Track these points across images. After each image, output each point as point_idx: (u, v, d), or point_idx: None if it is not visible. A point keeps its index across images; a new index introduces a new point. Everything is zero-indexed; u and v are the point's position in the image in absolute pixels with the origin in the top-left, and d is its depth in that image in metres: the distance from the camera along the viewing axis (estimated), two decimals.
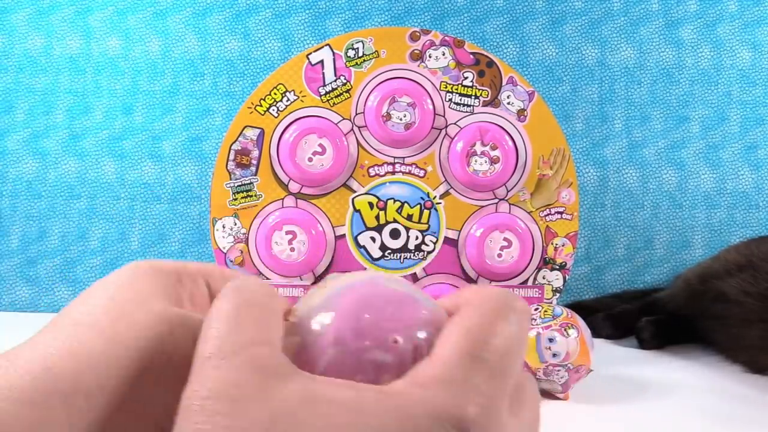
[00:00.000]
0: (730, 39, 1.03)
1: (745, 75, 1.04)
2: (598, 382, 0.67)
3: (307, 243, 0.72)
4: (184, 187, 1.01)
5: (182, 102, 1.01)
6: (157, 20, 1.01)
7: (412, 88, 0.73)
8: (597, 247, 1.02)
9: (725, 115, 1.04)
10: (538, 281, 0.74)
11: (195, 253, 1.00)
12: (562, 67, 1.02)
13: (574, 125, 1.02)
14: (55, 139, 1.00)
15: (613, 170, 1.02)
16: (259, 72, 1.01)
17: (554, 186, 0.74)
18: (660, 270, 1.03)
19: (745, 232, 1.03)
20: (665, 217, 1.03)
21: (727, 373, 0.75)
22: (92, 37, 1.01)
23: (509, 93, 0.74)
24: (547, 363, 0.62)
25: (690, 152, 1.03)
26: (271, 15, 1.01)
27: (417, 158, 0.73)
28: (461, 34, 1.01)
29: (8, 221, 0.99)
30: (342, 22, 1.01)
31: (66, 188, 1.00)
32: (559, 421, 0.60)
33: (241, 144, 0.73)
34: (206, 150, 1.01)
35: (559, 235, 0.74)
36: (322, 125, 0.72)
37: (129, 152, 1.00)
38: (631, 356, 0.81)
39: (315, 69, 0.73)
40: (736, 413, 0.62)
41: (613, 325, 0.88)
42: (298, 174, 0.72)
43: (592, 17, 1.03)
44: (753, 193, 1.03)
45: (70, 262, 1.00)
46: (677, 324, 0.86)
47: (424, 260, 0.73)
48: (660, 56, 1.03)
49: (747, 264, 0.80)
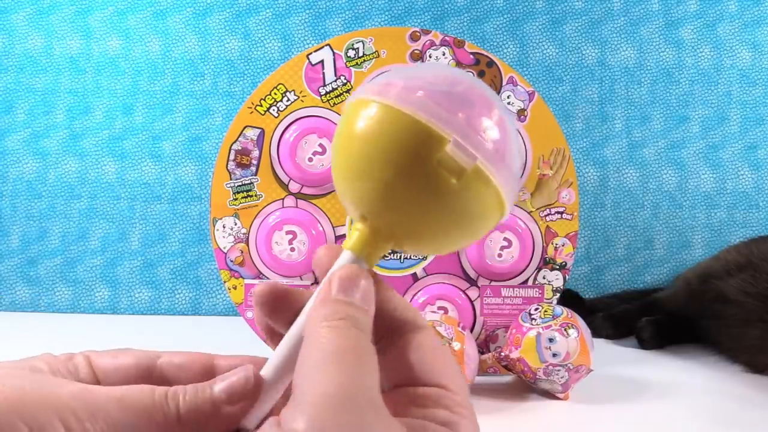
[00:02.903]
0: (730, 39, 1.03)
1: (745, 75, 1.04)
2: (598, 382, 0.67)
3: (307, 243, 0.72)
4: (185, 187, 1.01)
5: (182, 102, 1.01)
6: (157, 20, 1.01)
7: None
8: (597, 247, 1.02)
9: (725, 115, 1.04)
10: (539, 281, 0.74)
11: (195, 253, 1.00)
12: (562, 67, 1.02)
13: (574, 125, 1.02)
14: (55, 139, 1.00)
15: (613, 170, 1.03)
16: (259, 72, 1.01)
17: (554, 186, 0.74)
18: (660, 270, 1.03)
19: (745, 232, 1.03)
20: (665, 217, 1.03)
21: (727, 373, 0.75)
22: (92, 37, 1.01)
23: (509, 93, 0.74)
24: (547, 363, 0.62)
25: (690, 152, 1.03)
26: (271, 15, 1.01)
27: None
28: (461, 34, 1.01)
29: (8, 221, 0.99)
30: (342, 22, 1.01)
31: (66, 188, 1.00)
32: (559, 421, 0.60)
33: (241, 144, 0.73)
34: (206, 150, 1.01)
35: (560, 235, 0.74)
36: (322, 125, 0.72)
37: (129, 152, 1.00)
38: (631, 356, 0.81)
39: (315, 69, 0.73)
40: (736, 413, 0.62)
41: (613, 325, 0.88)
42: (299, 174, 0.72)
43: (593, 17, 1.03)
44: (753, 193, 1.03)
45: (70, 262, 1.00)
46: (677, 324, 0.86)
47: (425, 260, 0.73)
48: (660, 56, 1.03)
49: (747, 264, 0.80)
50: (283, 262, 0.72)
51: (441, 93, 0.24)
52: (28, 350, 0.70)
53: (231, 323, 0.90)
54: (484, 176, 0.24)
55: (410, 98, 0.24)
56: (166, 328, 0.93)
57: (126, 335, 0.89)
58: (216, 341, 0.86)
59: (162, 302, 1.00)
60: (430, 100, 0.24)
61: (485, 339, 0.74)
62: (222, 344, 0.84)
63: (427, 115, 0.24)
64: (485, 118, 0.24)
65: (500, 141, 0.25)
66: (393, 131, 0.24)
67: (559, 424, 0.59)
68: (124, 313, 1.00)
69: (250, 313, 0.72)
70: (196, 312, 1.00)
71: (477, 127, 0.24)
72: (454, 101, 0.24)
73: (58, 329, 0.90)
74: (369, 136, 0.24)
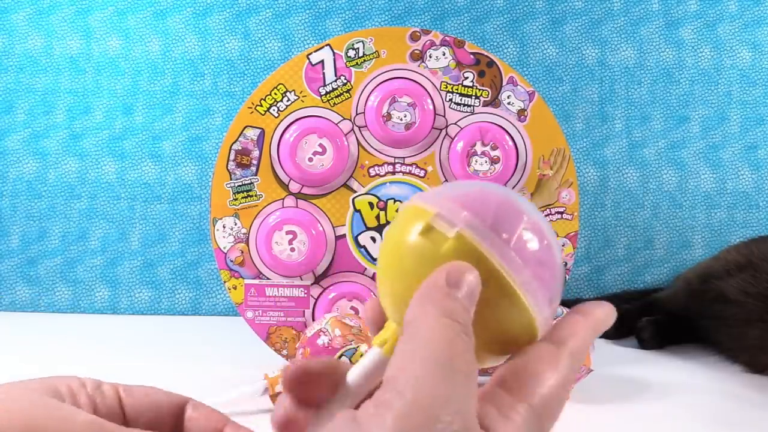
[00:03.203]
0: (731, 39, 1.03)
1: (745, 75, 1.04)
2: (598, 382, 0.67)
3: (307, 243, 0.72)
4: (185, 187, 1.01)
5: (182, 102, 1.01)
6: (157, 20, 1.01)
7: (412, 88, 0.73)
8: (597, 247, 1.02)
9: (725, 115, 1.04)
10: None
11: (195, 252, 1.00)
12: (563, 67, 1.02)
13: (575, 125, 1.02)
14: (55, 139, 1.00)
15: (613, 170, 1.02)
16: (259, 72, 1.01)
17: (554, 186, 0.74)
18: (660, 270, 1.03)
19: (745, 232, 1.03)
20: (665, 217, 1.03)
21: (727, 373, 0.75)
22: (92, 37, 1.01)
23: (509, 93, 0.74)
24: None
25: (690, 152, 1.03)
26: (271, 15, 1.01)
27: (417, 158, 0.73)
28: (461, 34, 1.01)
29: (8, 221, 0.99)
30: (342, 22, 1.01)
31: (66, 188, 1.00)
32: (559, 421, 0.60)
33: (241, 144, 0.73)
34: (206, 150, 1.01)
35: (560, 236, 0.74)
36: (322, 125, 0.72)
37: (129, 152, 1.00)
38: (631, 356, 0.81)
39: (315, 69, 0.73)
40: (736, 413, 0.62)
41: (614, 325, 0.87)
42: (299, 174, 0.72)
43: (593, 17, 1.03)
44: (753, 193, 1.03)
45: (70, 262, 1.00)
46: (677, 324, 0.86)
47: None
48: (660, 56, 1.03)
49: (747, 264, 0.80)
50: (283, 262, 0.72)
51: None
52: (28, 350, 0.70)
53: (231, 323, 0.90)
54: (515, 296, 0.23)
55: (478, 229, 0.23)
56: (166, 328, 0.93)
57: (126, 335, 0.89)
58: (216, 341, 0.86)
59: (162, 302, 1.00)
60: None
61: None
62: (222, 344, 0.84)
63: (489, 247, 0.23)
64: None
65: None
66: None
67: (559, 424, 0.59)
68: (124, 313, 1.00)
69: (250, 313, 0.72)
70: (196, 312, 1.00)
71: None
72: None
73: (58, 329, 0.90)
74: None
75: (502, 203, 0.24)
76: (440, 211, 0.23)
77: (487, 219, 0.23)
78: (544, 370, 0.23)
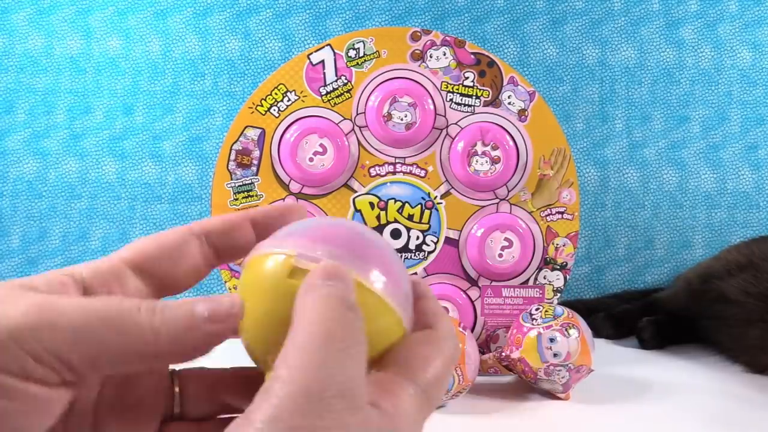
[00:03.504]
0: (731, 39, 1.03)
1: (745, 75, 1.04)
2: (598, 382, 0.67)
3: None
4: (185, 187, 1.01)
5: (183, 102, 1.01)
6: (157, 20, 1.01)
7: (413, 88, 0.73)
8: (597, 247, 1.02)
9: (726, 115, 1.04)
10: (539, 281, 0.74)
11: None
12: (563, 67, 1.02)
13: (575, 125, 1.02)
14: (55, 139, 1.00)
15: (613, 170, 1.03)
16: (259, 72, 1.01)
17: (555, 186, 0.74)
18: (660, 270, 1.03)
19: (746, 232, 1.03)
20: (666, 217, 1.03)
21: (727, 373, 0.75)
22: (93, 37, 1.01)
23: (510, 93, 0.74)
24: (548, 363, 0.62)
25: (690, 152, 1.03)
26: (271, 15, 1.01)
27: (418, 158, 0.73)
28: (462, 34, 1.01)
29: (9, 221, 0.99)
30: (343, 22, 1.01)
31: (67, 188, 1.00)
32: (559, 421, 0.60)
33: (242, 144, 0.73)
34: (207, 150, 1.01)
35: (560, 235, 0.74)
36: (323, 125, 0.72)
37: (130, 152, 1.00)
38: (631, 356, 0.81)
39: (316, 69, 0.73)
40: (736, 413, 0.62)
41: (614, 325, 0.88)
42: (299, 174, 0.72)
43: (593, 17, 1.03)
44: (753, 193, 1.03)
45: (70, 262, 1.00)
46: (678, 324, 0.86)
47: (425, 260, 0.73)
48: (660, 56, 1.03)
49: (748, 264, 0.80)
50: None
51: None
52: None
53: None
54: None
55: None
56: None
57: None
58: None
59: None
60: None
61: (486, 339, 0.74)
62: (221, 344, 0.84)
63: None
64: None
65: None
66: None
67: (559, 424, 0.59)
68: None
69: None
70: None
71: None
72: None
73: None
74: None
75: (338, 231, 0.26)
76: (298, 251, 0.25)
77: (339, 246, 0.25)
78: (426, 351, 0.25)
